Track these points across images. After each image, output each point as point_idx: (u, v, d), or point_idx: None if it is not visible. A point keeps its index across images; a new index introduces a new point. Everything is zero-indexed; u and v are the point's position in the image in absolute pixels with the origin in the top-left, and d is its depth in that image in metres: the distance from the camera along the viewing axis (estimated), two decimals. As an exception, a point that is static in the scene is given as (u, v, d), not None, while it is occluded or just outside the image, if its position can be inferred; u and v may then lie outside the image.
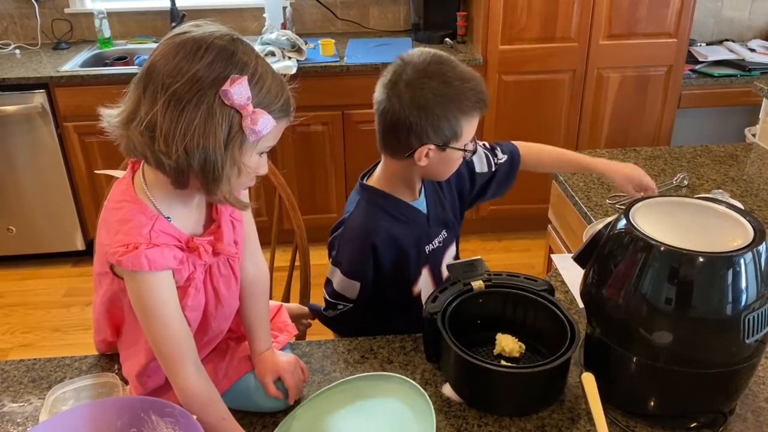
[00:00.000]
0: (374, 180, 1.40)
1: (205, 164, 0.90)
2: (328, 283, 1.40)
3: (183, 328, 1.01)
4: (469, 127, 1.28)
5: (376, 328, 1.38)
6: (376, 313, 1.44)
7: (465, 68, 1.28)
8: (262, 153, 0.98)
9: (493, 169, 1.51)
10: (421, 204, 1.41)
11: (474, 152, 1.34)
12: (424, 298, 1.42)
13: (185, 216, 1.03)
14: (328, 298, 1.42)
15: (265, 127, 0.92)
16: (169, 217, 0.99)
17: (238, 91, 0.88)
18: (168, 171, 0.92)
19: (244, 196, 1.11)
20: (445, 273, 1.46)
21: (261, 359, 1.15)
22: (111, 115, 0.94)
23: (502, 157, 1.52)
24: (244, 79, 0.89)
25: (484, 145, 1.51)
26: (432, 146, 1.26)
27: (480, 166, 1.50)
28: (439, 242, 1.44)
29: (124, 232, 0.96)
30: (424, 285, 1.44)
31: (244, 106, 0.90)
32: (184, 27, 0.94)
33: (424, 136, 1.24)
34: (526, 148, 1.57)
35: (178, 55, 0.89)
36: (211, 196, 0.96)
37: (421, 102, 1.22)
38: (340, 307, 1.40)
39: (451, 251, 1.49)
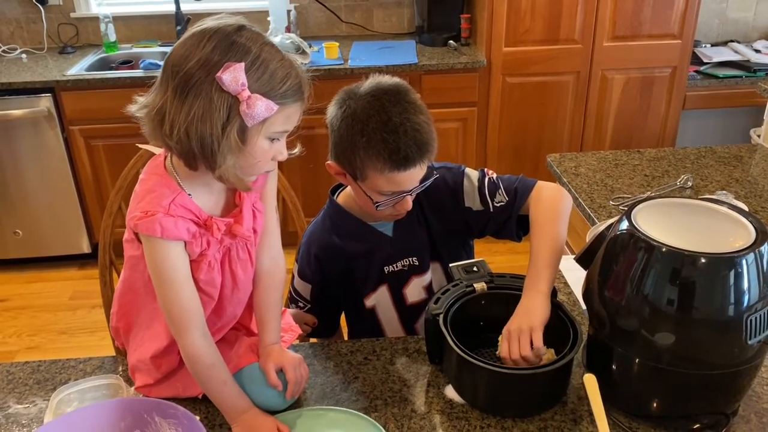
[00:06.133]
0: (344, 194, 1.44)
1: (202, 147, 0.94)
2: (292, 278, 1.46)
3: (192, 295, 1.06)
4: (382, 179, 1.23)
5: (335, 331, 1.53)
6: (333, 317, 1.52)
7: (404, 118, 1.21)
8: (274, 139, 1.01)
9: (491, 210, 1.36)
10: (385, 226, 1.41)
11: (387, 204, 1.27)
12: (380, 314, 1.47)
13: (206, 196, 1.08)
14: (291, 293, 1.48)
15: (262, 111, 0.94)
16: (190, 194, 1.05)
17: (231, 77, 0.91)
18: (175, 153, 0.98)
19: (272, 181, 1.17)
20: (409, 297, 1.45)
21: (267, 351, 1.17)
22: (137, 103, 0.99)
23: (501, 201, 1.35)
24: (239, 66, 0.92)
25: (489, 179, 1.37)
26: (334, 165, 1.30)
27: (469, 201, 1.38)
28: (404, 266, 1.42)
29: (147, 200, 1.02)
30: (380, 301, 1.45)
31: (239, 91, 0.92)
32: (206, 20, 0.98)
33: (330, 153, 1.30)
34: (536, 213, 1.32)
35: (187, 44, 0.95)
36: (214, 174, 0.99)
37: (342, 123, 1.27)
38: (301, 305, 1.46)
39: (421, 279, 1.44)
